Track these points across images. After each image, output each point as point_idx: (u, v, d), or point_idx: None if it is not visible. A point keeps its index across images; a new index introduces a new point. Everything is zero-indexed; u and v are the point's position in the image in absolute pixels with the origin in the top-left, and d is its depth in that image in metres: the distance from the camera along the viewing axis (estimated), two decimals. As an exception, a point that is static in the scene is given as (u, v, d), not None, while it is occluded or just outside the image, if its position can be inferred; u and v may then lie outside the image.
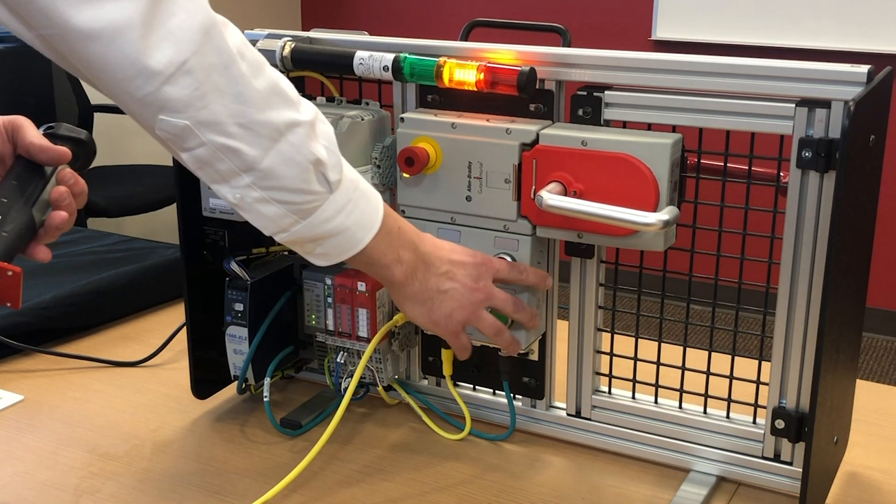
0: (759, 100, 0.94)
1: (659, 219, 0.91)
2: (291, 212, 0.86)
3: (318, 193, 0.86)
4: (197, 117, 0.79)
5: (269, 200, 0.85)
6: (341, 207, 0.88)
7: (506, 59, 1.02)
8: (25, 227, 0.86)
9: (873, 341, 3.66)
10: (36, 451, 1.11)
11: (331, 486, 1.04)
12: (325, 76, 1.14)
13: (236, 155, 0.82)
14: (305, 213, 0.86)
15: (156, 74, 0.76)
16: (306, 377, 1.26)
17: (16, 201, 0.86)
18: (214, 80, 0.79)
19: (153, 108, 0.78)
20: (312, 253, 0.91)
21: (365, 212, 0.90)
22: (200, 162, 0.82)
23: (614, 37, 3.88)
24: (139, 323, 1.48)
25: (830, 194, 0.92)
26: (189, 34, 0.77)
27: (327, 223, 0.88)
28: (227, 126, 0.80)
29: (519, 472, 1.07)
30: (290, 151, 0.83)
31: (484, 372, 1.14)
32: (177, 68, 0.76)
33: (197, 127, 0.79)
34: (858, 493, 1.04)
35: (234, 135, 0.81)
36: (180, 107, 0.78)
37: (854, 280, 0.96)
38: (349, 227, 0.89)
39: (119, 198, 3.43)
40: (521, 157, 1.00)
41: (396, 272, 0.95)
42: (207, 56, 0.78)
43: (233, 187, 0.84)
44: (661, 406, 1.08)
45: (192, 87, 0.77)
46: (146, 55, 0.75)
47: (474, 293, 0.99)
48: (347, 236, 0.90)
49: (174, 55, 0.76)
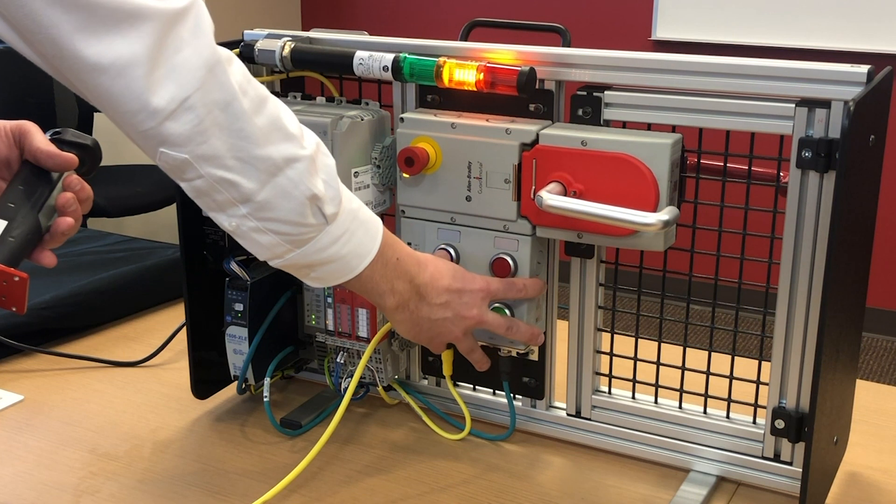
0: (758, 100, 0.94)
1: (659, 219, 0.91)
2: (286, 241, 0.87)
3: (314, 226, 0.87)
4: (196, 152, 0.80)
5: (265, 230, 0.86)
6: (336, 238, 0.89)
7: (506, 59, 1.02)
8: (32, 233, 0.86)
9: (873, 341, 3.66)
10: (36, 451, 1.11)
11: (331, 486, 1.04)
12: (324, 76, 1.14)
13: (233, 187, 0.83)
14: (300, 243, 0.88)
15: (158, 111, 0.77)
16: (306, 377, 1.26)
17: (22, 207, 0.86)
18: (215, 116, 0.80)
19: (154, 142, 0.79)
20: (307, 277, 0.93)
21: (362, 242, 0.92)
22: (198, 192, 0.84)
23: (614, 37, 3.88)
24: (139, 323, 1.48)
25: (830, 194, 0.92)
26: (193, 71, 0.77)
27: (322, 252, 0.89)
28: (225, 160, 0.81)
29: (519, 472, 1.07)
30: (287, 186, 0.84)
31: (484, 372, 1.14)
32: (179, 105, 0.77)
33: (196, 161, 0.81)
34: (858, 493, 1.04)
35: (232, 168, 0.82)
36: (181, 141, 0.79)
37: (854, 280, 0.96)
38: (344, 256, 0.91)
39: (119, 198, 3.42)
40: (521, 157, 1.00)
41: (389, 301, 0.97)
42: (210, 93, 0.79)
43: (229, 216, 0.85)
44: (661, 406, 1.08)
45: (193, 122, 0.78)
46: (150, 92, 0.76)
47: (465, 321, 1.01)
48: (342, 264, 0.92)
49: (177, 92, 0.77)
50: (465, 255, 1.06)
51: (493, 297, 1.03)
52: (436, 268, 1.00)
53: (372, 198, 1.08)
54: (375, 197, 1.09)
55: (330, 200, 0.88)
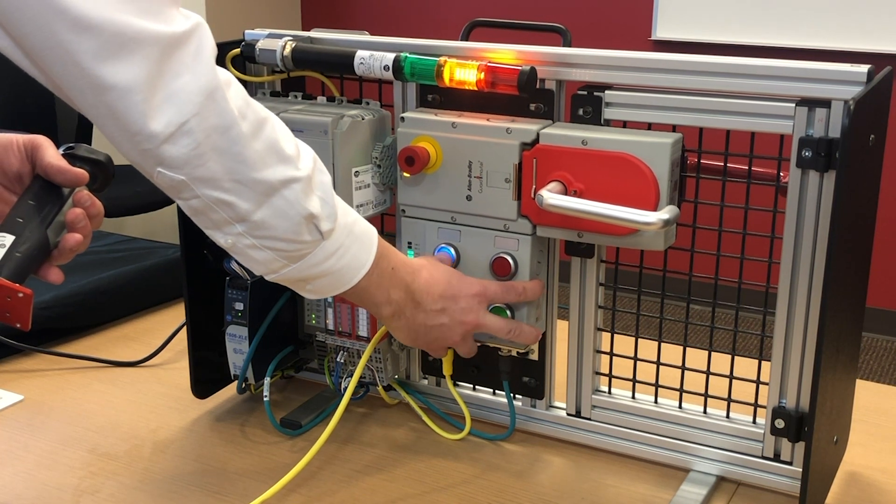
0: (759, 99, 0.94)
1: (659, 218, 0.91)
2: (282, 257, 0.88)
3: (310, 242, 0.88)
4: (193, 174, 0.80)
5: (261, 247, 0.87)
6: (332, 253, 0.90)
7: (506, 58, 1.02)
8: (39, 248, 0.86)
9: (873, 341, 3.66)
10: (36, 451, 1.11)
11: (331, 486, 1.04)
12: (325, 76, 1.14)
13: (230, 207, 0.83)
14: (296, 259, 0.89)
15: (155, 135, 0.77)
16: (306, 377, 1.26)
17: (31, 221, 0.86)
18: (213, 140, 0.80)
19: (152, 162, 0.79)
20: (303, 290, 0.94)
21: (357, 255, 0.93)
22: (195, 211, 0.85)
23: (614, 37, 3.88)
24: (139, 323, 1.48)
25: (830, 194, 0.92)
26: (192, 96, 0.77)
27: (317, 266, 0.90)
28: (222, 182, 0.82)
29: (519, 472, 1.07)
30: (283, 206, 0.85)
31: (484, 372, 1.14)
32: (176, 129, 0.77)
33: (193, 182, 0.81)
34: (858, 493, 1.04)
35: (228, 190, 0.82)
36: (178, 164, 0.79)
37: (854, 280, 0.96)
38: (340, 269, 0.92)
39: (119, 198, 3.41)
40: (522, 156, 1.00)
41: (385, 310, 0.98)
42: (209, 118, 0.79)
43: (225, 234, 0.86)
44: (661, 406, 1.08)
45: (191, 146, 0.79)
46: (148, 116, 0.76)
47: (463, 326, 1.02)
48: (337, 277, 0.92)
49: (174, 116, 0.77)
50: (466, 254, 1.06)
51: (490, 300, 1.03)
52: (430, 274, 1.01)
53: (372, 197, 1.09)
54: (376, 196, 1.09)
55: (326, 217, 0.88)
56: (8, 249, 0.83)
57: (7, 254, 0.82)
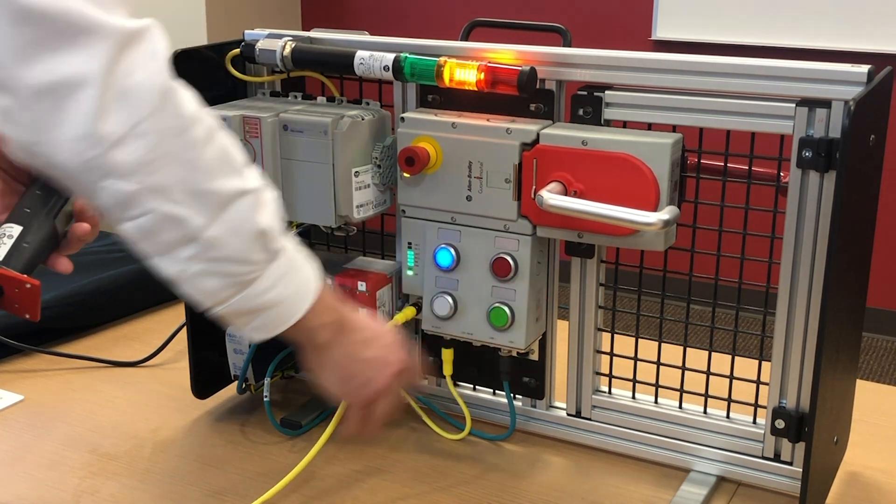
0: (759, 100, 0.94)
1: (659, 218, 0.91)
2: (231, 284, 0.82)
3: (259, 263, 0.82)
4: (146, 182, 0.75)
5: (211, 273, 0.81)
6: (280, 277, 0.84)
7: (506, 58, 1.02)
8: (47, 239, 0.85)
9: (873, 341, 3.66)
10: (36, 451, 1.11)
11: (331, 486, 1.04)
12: (325, 76, 1.14)
13: (181, 224, 0.78)
14: (245, 285, 0.82)
15: (105, 137, 0.72)
16: (306, 377, 1.26)
17: (39, 212, 0.85)
18: (167, 144, 0.75)
19: (97, 174, 0.73)
20: (247, 326, 0.85)
21: (302, 281, 0.86)
22: (144, 232, 0.78)
23: (614, 37, 3.88)
24: (139, 323, 1.48)
25: (830, 194, 0.92)
26: (146, 95, 0.73)
27: (265, 294, 0.83)
28: (174, 193, 0.76)
29: (519, 472, 1.07)
30: (236, 220, 0.80)
31: (484, 372, 1.14)
32: (128, 130, 0.73)
33: (144, 193, 0.75)
34: (858, 493, 1.04)
35: (181, 202, 0.77)
36: (129, 171, 0.74)
37: (854, 280, 0.96)
38: (288, 298, 0.85)
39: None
40: (522, 156, 1.00)
41: (320, 337, 0.89)
42: (163, 120, 0.74)
43: (174, 260, 0.80)
44: (661, 406, 1.08)
45: (143, 150, 0.74)
46: (98, 116, 0.71)
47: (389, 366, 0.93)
48: (285, 308, 0.85)
49: (127, 117, 0.72)
50: (466, 254, 1.06)
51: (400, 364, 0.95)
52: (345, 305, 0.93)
53: (372, 197, 1.08)
54: (376, 197, 1.09)
55: (275, 235, 0.83)
56: (16, 240, 0.83)
57: (15, 245, 0.82)
